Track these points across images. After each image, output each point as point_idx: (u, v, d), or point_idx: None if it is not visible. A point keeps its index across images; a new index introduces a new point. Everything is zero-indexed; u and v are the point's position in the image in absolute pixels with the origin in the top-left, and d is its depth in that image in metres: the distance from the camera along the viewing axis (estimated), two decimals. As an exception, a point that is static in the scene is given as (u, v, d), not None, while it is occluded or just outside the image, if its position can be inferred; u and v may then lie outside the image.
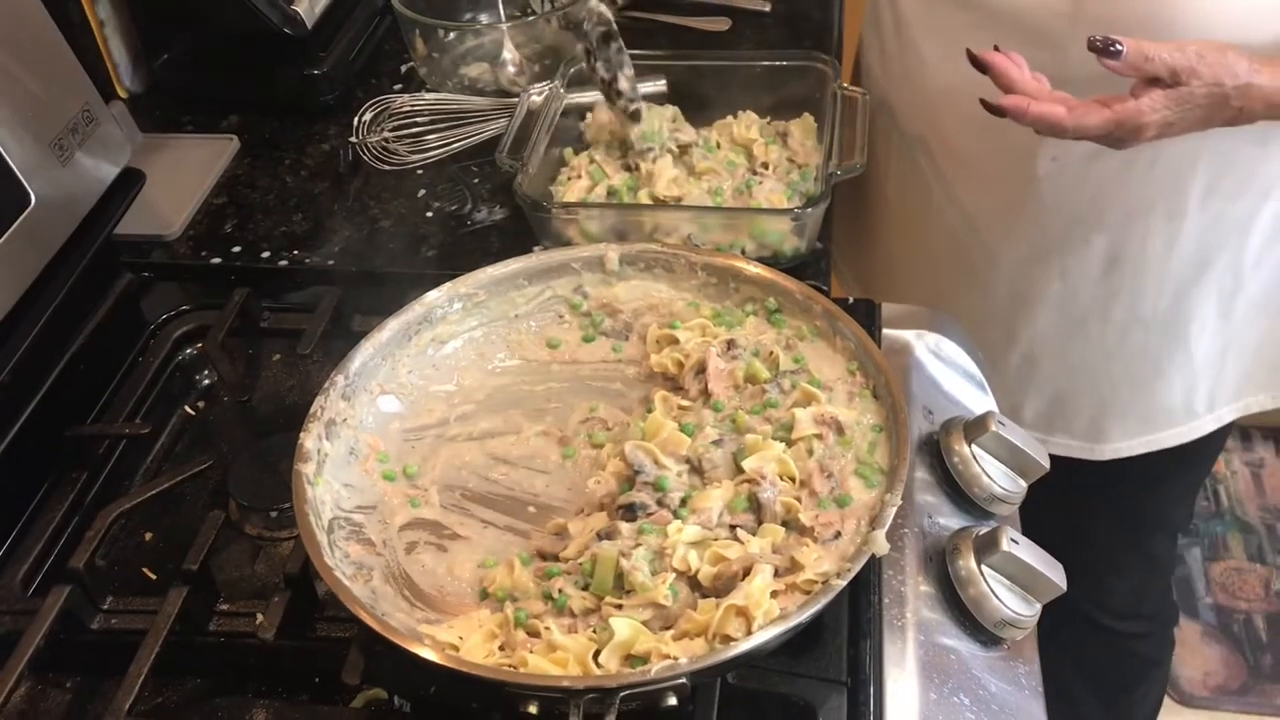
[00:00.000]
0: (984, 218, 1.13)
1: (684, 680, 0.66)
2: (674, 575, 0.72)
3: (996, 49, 0.92)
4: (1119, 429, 1.19)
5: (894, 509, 0.73)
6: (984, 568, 0.82)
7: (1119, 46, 0.86)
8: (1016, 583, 0.83)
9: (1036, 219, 1.09)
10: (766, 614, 0.68)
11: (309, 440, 0.80)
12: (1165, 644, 1.52)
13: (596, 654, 0.69)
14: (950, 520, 0.90)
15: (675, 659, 0.66)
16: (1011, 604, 0.82)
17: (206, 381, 1.04)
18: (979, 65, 0.91)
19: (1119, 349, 1.15)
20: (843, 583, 0.69)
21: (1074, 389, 1.19)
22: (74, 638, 0.82)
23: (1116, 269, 1.10)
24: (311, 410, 0.82)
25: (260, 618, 0.79)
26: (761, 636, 0.67)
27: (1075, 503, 1.25)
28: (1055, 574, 0.83)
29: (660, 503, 0.77)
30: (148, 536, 0.92)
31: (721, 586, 0.72)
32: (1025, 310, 1.16)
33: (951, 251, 1.17)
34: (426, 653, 0.68)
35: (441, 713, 0.78)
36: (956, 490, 0.90)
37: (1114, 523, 1.32)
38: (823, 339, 0.88)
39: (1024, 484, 0.91)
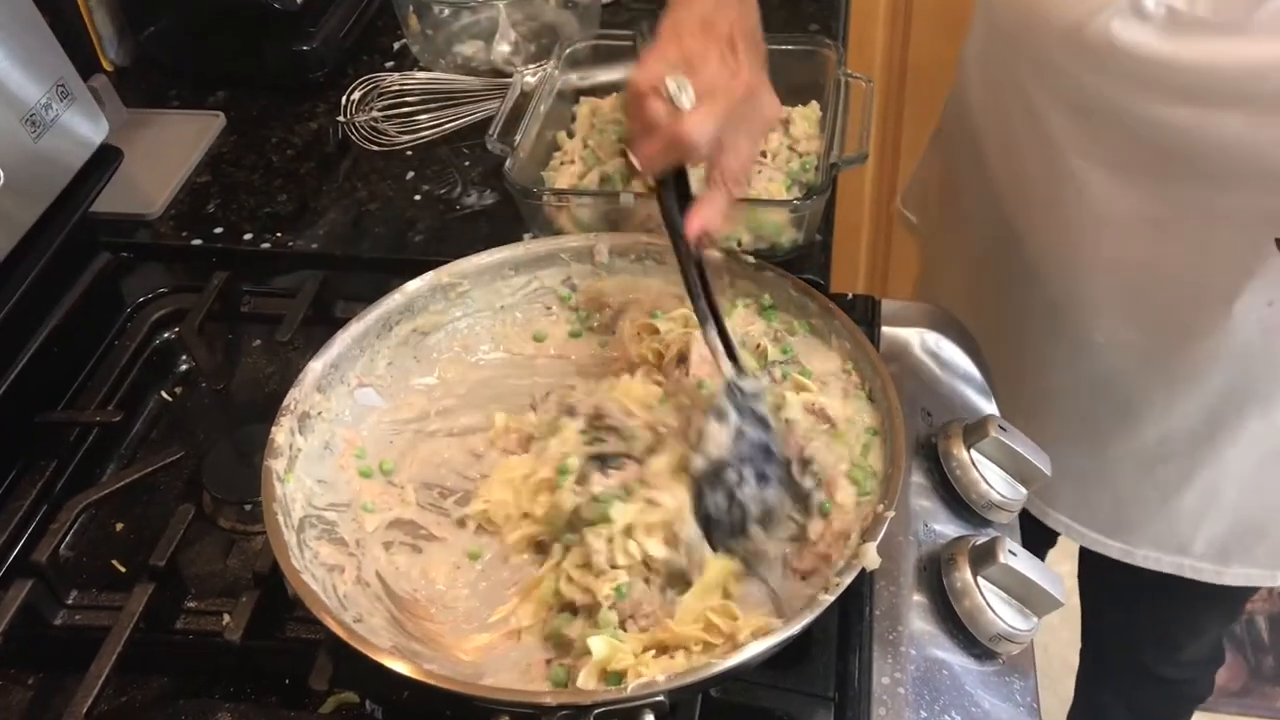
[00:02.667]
0: (1153, 365, 1.01)
1: (662, 698, 0.63)
2: (624, 577, 0.70)
3: None
4: None
5: (887, 521, 0.70)
6: (980, 580, 0.79)
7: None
8: (1014, 596, 0.79)
9: (1227, 363, 0.98)
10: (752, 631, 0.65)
11: (280, 435, 0.77)
12: (1211, 683, 1.48)
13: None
14: (946, 527, 0.87)
15: (653, 678, 0.64)
16: (1008, 618, 0.79)
17: (184, 367, 1.01)
18: None
19: None
20: (831, 598, 0.66)
21: (1260, 519, 1.09)
22: (35, 633, 0.79)
23: None
24: (284, 403, 0.79)
25: (228, 618, 0.76)
26: (744, 654, 0.64)
27: (1186, 594, 1.19)
28: (1054, 587, 0.80)
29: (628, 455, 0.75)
30: (118, 527, 0.89)
31: None
32: (1209, 447, 1.04)
33: (1101, 399, 1.07)
34: (396, 664, 0.65)
35: (413, 718, 0.76)
36: (954, 496, 0.87)
37: (1213, 603, 1.26)
38: (817, 336, 0.84)
39: (1024, 491, 0.88)
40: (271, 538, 0.71)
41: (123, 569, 0.86)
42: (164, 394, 1.00)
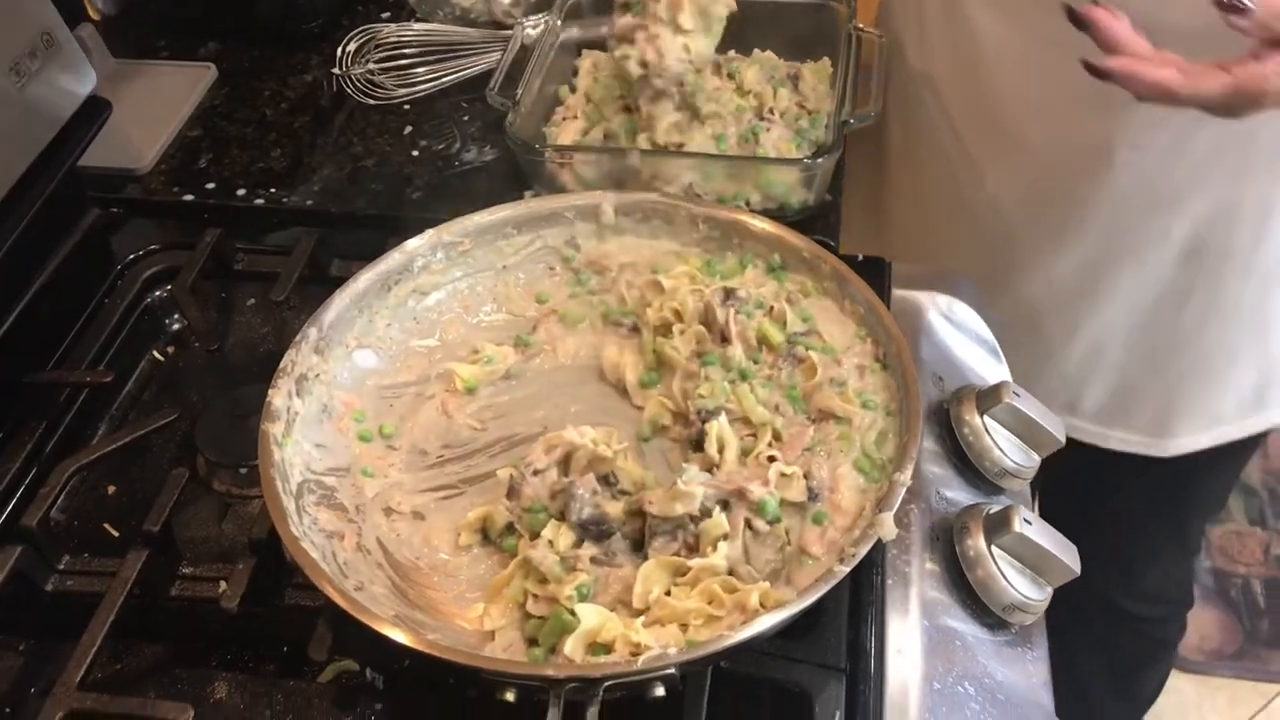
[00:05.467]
0: (1047, 209, 1.05)
1: (673, 670, 0.61)
2: (583, 576, 0.67)
3: (1097, 2, 0.82)
4: (1185, 424, 1.13)
5: (903, 490, 0.68)
6: (994, 548, 0.77)
7: (1249, 4, 0.76)
8: (1027, 565, 0.78)
9: (1109, 213, 1.02)
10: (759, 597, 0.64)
11: (278, 398, 0.75)
12: (1179, 626, 1.47)
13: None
14: (958, 494, 0.85)
15: (647, 647, 0.62)
16: (1021, 587, 0.77)
17: (176, 326, 0.98)
18: (1078, 22, 0.81)
19: (1193, 339, 1.08)
20: (846, 569, 0.64)
21: (1140, 381, 1.12)
22: (27, 599, 0.77)
23: (1196, 259, 1.02)
24: (281, 365, 0.77)
25: (224, 585, 0.74)
26: (758, 626, 0.62)
27: (1113, 489, 1.20)
28: (1069, 557, 0.78)
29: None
30: (110, 490, 0.87)
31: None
32: (1091, 302, 1.08)
33: (1007, 241, 1.10)
34: (397, 635, 0.63)
35: (415, 687, 0.74)
36: (966, 463, 0.85)
37: (1157, 511, 1.26)
38: (830, 299, 0.82)
39: (1037, 458, 0.86)
40: (270, 504, 0.69)
41: (115, 533, 0.84)
42: (156, 354, 0.97)
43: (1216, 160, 0.97)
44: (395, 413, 0.81)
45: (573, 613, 0.65)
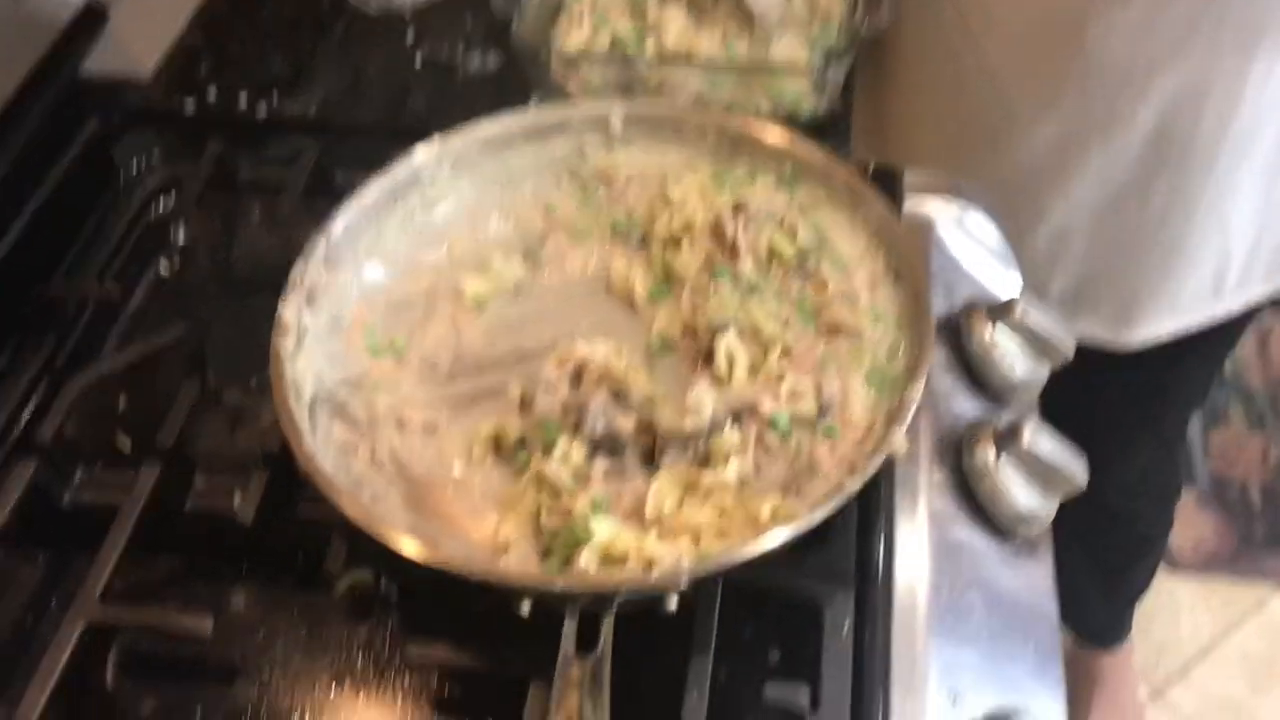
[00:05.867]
0: (1019, 84, 1.05)
1: (686, 582, 0.62)
2: (598, 490, 0.68)
3: None
4: (1147, 314, 1.14)
5: (914, 405, 0.68)
6: (1002, 461, 0.78)
7: None
8: (1035, 478, 0.78)
9: (1079, 89, 1.01)
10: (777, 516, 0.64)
11: (288, 311, 0.75)
12: (1166, 520, 1.50)
13: None
14: (965, 406, 0.86)
15: (661, 559, 0.63)
16: (1028, 500, 0.78)
17: (182, 240, 0.97)
18: None
19: (1156, 229, 1.08)
20: (858, 483, 0.65)
21: (1104, 269, 1.13)
22: (43, 514, 0.78)
23: (1163, 144, 1.02)
24: (291, 277, 0.77)
25: (239, 498, 0.75)
26: (769, 540, 0.62)
27: (1088, 381, 1.21)
28: (1078, 469, 0.79)
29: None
30: (121, 404, 0.87)
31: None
32: (1060, 182, 1.08)
33: (979, 118, 1.09)
34: (411, 548, 0.64)
35: (430, 598, 0.75)
36: (974, 376, 0.86)
37: (1129, 403, 1.28)
38: (842, 212, 0.81)
39: (1046, 371, 0.86)
40: (282, 419, 0.70)
41: (127, 444, 0.84)
42: (162, 266, 0.96)
43: (1188, 36, 0.96)
44: (405, 325, 0.81)
45: (587, 526, 0.66)
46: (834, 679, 0.67)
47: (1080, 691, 1.67)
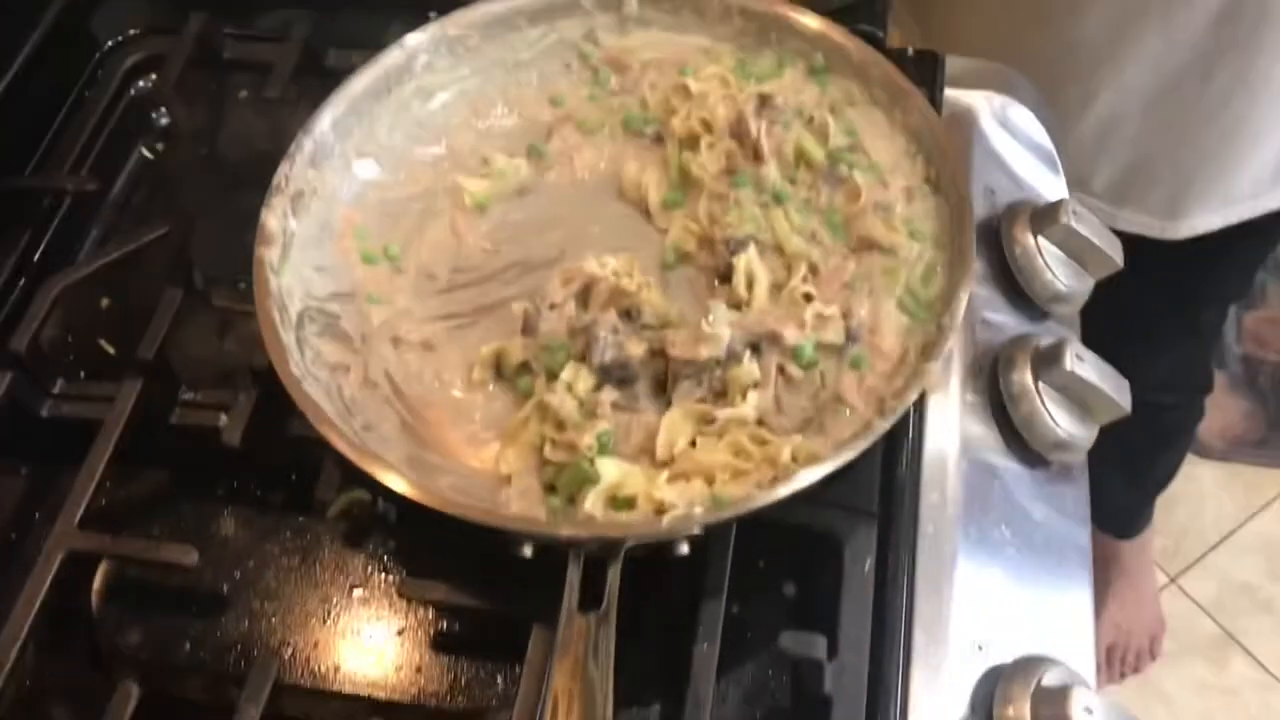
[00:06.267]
0: None
1: (698, 530, 0.58)
2: (604, 424, 0.63)
3: None
4: (1198, 204, 1.07)
5: (952, 336, 0.62)
6: (1041, 384, 0.73)
7: None
8: (1074, 402, 0.73)
9: None
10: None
11: (272, 219, 0.69)
12: (1196, 413, 1.45)
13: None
14: (1004, 317, 0.80)
15: (671, 504, 0.58)
16: (1067, 425, 0.73)
17: (165, 121, 0.91)
18: None
19: (1216, 112, 1.00)
20: (886, 424, 0.60)
21: (1155, 157, 1.05)
22: (21, 426, 0.74)
23: (1230, 23, 0.93)
24: (275, 181, 0.71)
25: (224, 418, 0.70)
26: (787, 487, 0.58)
27: (1121, 274, 1.14)
28: (1120, 394, 0.74)
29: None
30: (104, 303, 0.82)
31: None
32: (1111, 65, 1.00)
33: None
34: (406, 487, 0.59)
35: (428, 520, 0.71)
36: (1014, 285, 0.80)
37: (1165, 296, 1.22)
38: (879, 109, 0.74)
39: (1091, 281, 0.80)
40: (267, 340, 0.65)
41: (111, 350, 0.80)
42: (144, 151, 0.90)
43: None
44: (401, 230, 0.75)
45: (592, 462, 0.61)
46: (853, 623, 0.63)
47: (1098, 576, 1.65)
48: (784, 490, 0.58)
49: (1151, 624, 1.69)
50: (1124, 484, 1.51)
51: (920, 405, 0.72)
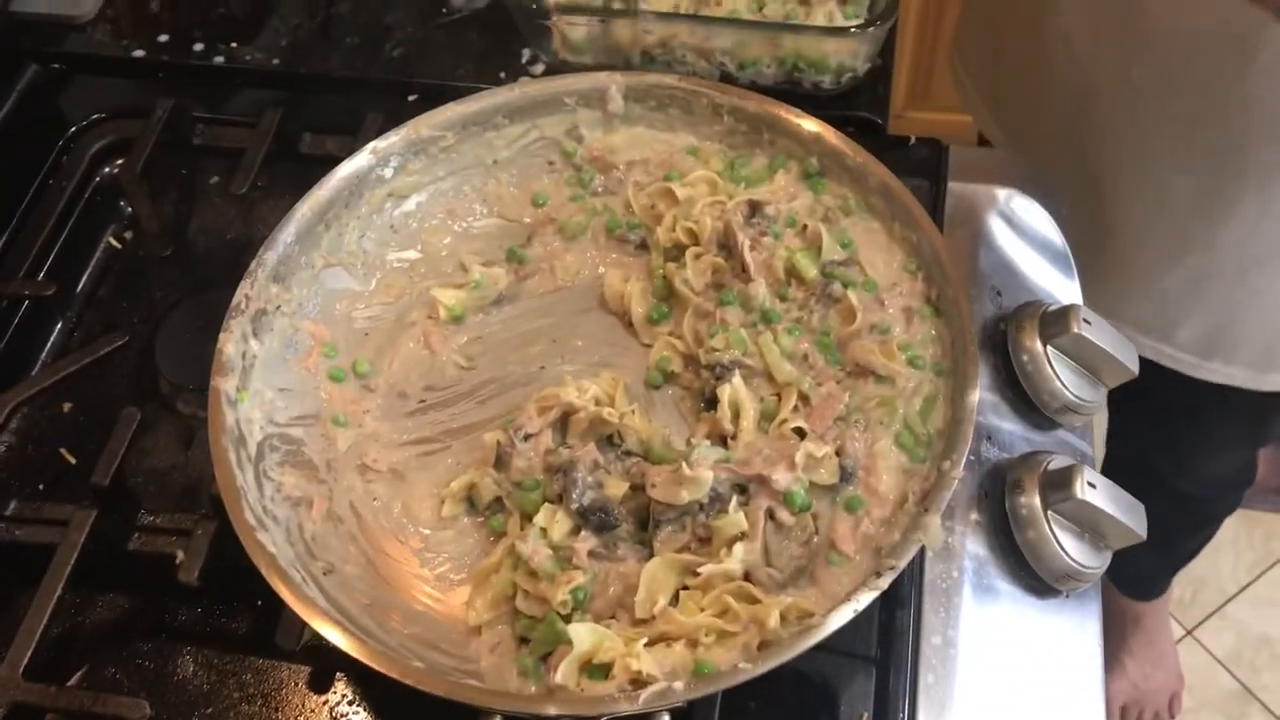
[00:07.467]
0: (1172, 102, 0.87)
1: (681, 704, 0.54)
2: (580, 578, 0.58)
3: None
4: None
5: (954, 484, 0.58)
6: (1050, 512, 0.68)
7: None
8: (1086, 529, 0.69)
9: (1243, 117, 0.85)
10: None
11: (230, 344, 0.65)
12: (1234, 502, 1.39)
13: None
14: (1010, 425, 0.75)
15: (651, 676, 0.54)
16: (1077, 554, 0.68)
17: (131, 209, 0.87)
18: None
19: None
20: (884, 583, 0.55)
21: (1248, 318, 0.98)
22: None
23: None
24: (234, 301, 0.67)
25: (181, 555, 0.66)
26: (775, 658, 0.54)
27: (1191, 402, 1.08)
28: (1135, 521, 0.69)
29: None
30: (66, 408, 0.78)
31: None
32: (1206, 221, 0.93)
33: (1124, 142, 0.93)
34: (364, 653, 0.55)
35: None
36: (1020, 393, 0.75)
37: (1232, 421, 1.16)
38: (877, 219, 0.70)
39: (1104, 392, 0.75)
40: (221, 484, 0.61)
41: (72, 459, 0.76)
42: (112, 240, 0.86)
43: None
44: (372, 344, 0.71)
45: (568, 619, 0.57)
46: (848, 788, 0.59)
47: (1115, 633, 1.60)
48: (773, 662, 0.53)
49: (1170, 682, 1.64)
50: (1153, 557, 1.45)
51: (922, 550, 0.67)
